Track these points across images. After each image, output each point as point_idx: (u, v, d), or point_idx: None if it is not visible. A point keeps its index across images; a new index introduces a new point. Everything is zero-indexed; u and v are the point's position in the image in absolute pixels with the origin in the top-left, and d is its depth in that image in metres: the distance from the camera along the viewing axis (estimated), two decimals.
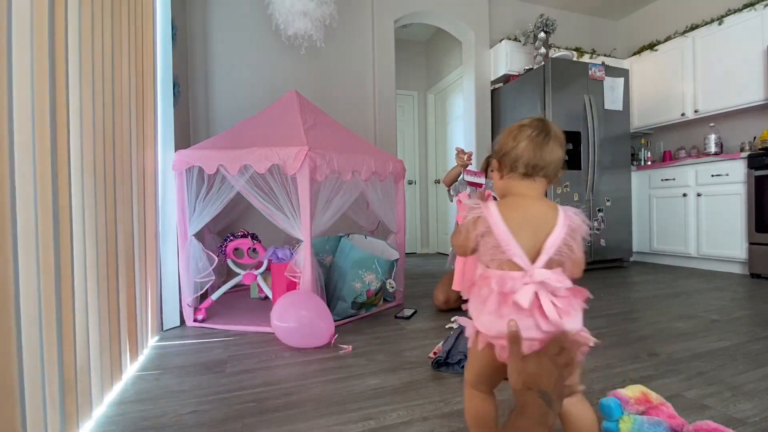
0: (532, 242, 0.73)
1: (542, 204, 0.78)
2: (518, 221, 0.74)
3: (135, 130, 1.52)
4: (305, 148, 1.74)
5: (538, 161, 0.76)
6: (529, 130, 0.78)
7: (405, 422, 1.03)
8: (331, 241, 2.13)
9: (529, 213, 0.76)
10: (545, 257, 0.72)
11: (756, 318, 1.91)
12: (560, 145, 0.79)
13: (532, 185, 0.78)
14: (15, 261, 0.75)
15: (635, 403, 0.92)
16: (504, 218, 0.74)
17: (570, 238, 0.73)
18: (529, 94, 3.52)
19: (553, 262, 0.73)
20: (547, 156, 0.77)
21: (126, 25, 1.44)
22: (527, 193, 0.78)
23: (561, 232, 0.73)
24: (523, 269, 0.72)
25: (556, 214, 0.75)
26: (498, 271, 0.74)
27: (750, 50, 3.23)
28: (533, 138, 0.77)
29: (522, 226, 0.74)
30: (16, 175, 0.77)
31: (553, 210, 0.76)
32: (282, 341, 1.63)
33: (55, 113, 0.92)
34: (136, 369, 1.43)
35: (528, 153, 0.76)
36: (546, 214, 0.76)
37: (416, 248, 5.16)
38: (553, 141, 0.77)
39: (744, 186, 3.01)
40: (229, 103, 2.98)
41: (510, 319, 0.69)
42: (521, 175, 0.78)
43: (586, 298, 0.73)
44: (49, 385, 0.85)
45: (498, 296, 0.72)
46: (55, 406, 0.88)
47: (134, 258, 1.48)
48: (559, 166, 0.79)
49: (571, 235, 0.73)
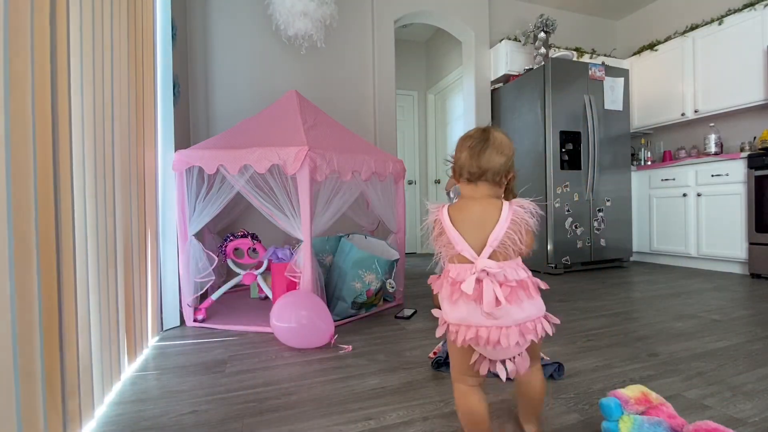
0: (478, 237, 0.83)
1: (485, 204, 0.86)
2: (464, 220, 0.86)
3: (135, 130, 1.52)
4: (305, 148, 1.74)
5: (475, 168, 0.86)
6: (469, 141, 0.88)
7: (405, 422, 1.03)
8: (331, 241, 2.13)
9: (473, 213, 0.86)
10: (489, 249, 0.82)
11: (756, 318, 1.91)
12: (500, 152, 0.86)
13: (476, 188, 0.88)
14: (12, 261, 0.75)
15: (635, 403, 0.92)
16: (452, 219, 0.86)
17: (512, 231, 0.82)
18: (529, 94, 3.52)
19: (498, 254, 0.82)
20: (484, 163, 0.85)
21: (126, 25, 1.44)
22: (473, 195, 0.88)
23: (503, 227, 0.82)
24: (471, 261, 0.82)
25: (499, 212, 0.84)
26: (453, 264, 0.85)
27: (750, 50, 3.23)
28: (472, 148, 0.87)
29: (467, 224, 0.85)
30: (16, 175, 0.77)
31: (495, 208, 0.84)
32: (282, 342, 1.63)
33: (56, 113, 0.92)
34: (136, 369, 1.43)
35: (467, 161, 0.87)
36: (488, 212, 0.85)
37: (416, 248, 5.17)
38: (490, 149, 0.85)
39: (744, 186, 3.02)
40: (229, 103, 2.98)
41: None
42: (466, 180, 0.88)
43: (537, 288, 0.83)
44: (49, 385, 0.85)
45: (450, 285, 0.84)
46: (56, 406, 0.88)
47: (134, 258, 1.48)
48: (501, 171, 0.86)
49: (513, 228, 0.82)
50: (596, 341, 1.62)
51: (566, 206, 3.34)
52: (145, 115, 1.66)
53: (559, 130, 3.32)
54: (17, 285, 0.76)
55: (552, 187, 3.30)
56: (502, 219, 0.83)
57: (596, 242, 3.47)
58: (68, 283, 0.96)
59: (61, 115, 0.95)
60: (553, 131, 3.30)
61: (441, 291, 0.87)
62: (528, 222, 0.83)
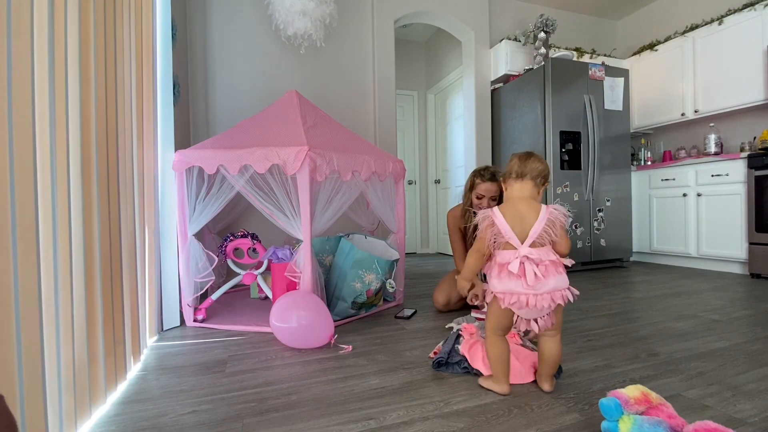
0: (521, 230, 1.13)
1: (527, 203, 1.16)
2: (511, 216, 1.15)
3: (135, 130, 1.52)
4: (305, 148, 1.74)
5: (522, 168, 1.19)
6: (518, 154, 1.23)
7: (405, 422, 1.03)
8: (331, 241, 2.13)
9: (518, 210, 1.16)
10: (530, 240, 1.11)
11: (756, 318, 1.91)
12: (539, 161, 1.20)
13: (522, 185, 1.19)
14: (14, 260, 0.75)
15: (635, 403, 0.92)
16: (503, 214, 1.15)
17: (548, 227, 1.11)
18: (529, 94, 3.52)
19: (537, 243, 1.12)
20: (529, 165, 1.19)
21: (126, 25, 1.44)
22: (519, 194, 1.19)
23: (541, 223, 1.12)
24: (515, 248, 1.11)
25: (538, 212, 1.14)
26: (501, 251, 1.14)
27: (750, 50, 3.23)
28: (520, 157, 1.22)
29: (514, 219, 1.14)
30: (16, 176, 0.77)
31: (535, 208, 1.15)
32: (282, 342, 1.63)
33: (55, 113, 0.92)
34: (136, 369, 1.43)
35: (516, 164, 1.21)
36: (529, 210, 1.15)
37: (416, 248, 5.17)
38: (534, 158, 1.20)
39: (744, 186, 3.02)
40: (229, 103, 2.98)
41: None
42: (514, 178, 1.21)
43: (563, 266, 1.13)
44: (49, 385, 0.85)
45: (498, 266, 1.14)
46: (56, 406, 0.88)
47: (135, 258, 1.48)
48: (540, 174, 1.19)
49: (549, 225, 1.11)
50: (596, 341, 1.62)
51: (566, 206, 3.32)
52: (145, 115, 1.66)
53: (559, 130, 3.32)
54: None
55: (552, 187, 3.30)
56: (541, 217, 1.12)
57: (596, 242, 3.47)
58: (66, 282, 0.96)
59: (60, 115, 0.95)
60: (553, 131, 3.30)
61: (490, 271, 1.16)
62: (561, 220, 1.11)
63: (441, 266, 3.89)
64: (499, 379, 1.18)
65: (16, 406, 0.74)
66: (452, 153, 4.70)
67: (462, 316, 1.98)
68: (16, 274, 0.76)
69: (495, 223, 1.13)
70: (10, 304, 0.74)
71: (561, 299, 1.10)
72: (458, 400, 1.14)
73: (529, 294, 1.08)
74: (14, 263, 0.75)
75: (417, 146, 5.20)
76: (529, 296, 1.08)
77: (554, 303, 1.10)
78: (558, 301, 1.10)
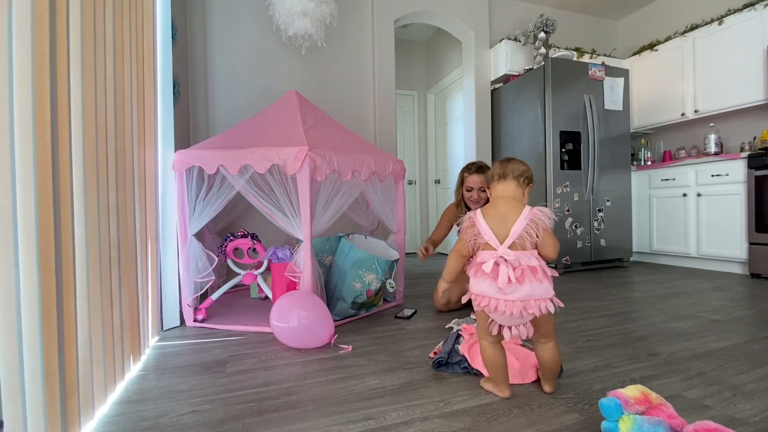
0: (502, 229, 1.09)
1: (509, 203, 1.13)
2: (492, 216, 1.12)
3: (135, 130, 1.52)
4: (305, 148, 1.74)
5: (502, 170, 1.18)
6: (499, 159, 1.23)
7: (405, 422, 1.03)
8: (331, 241, 2.13)
9: (499, 210, 1.13)
10: (510, 240, 1.07)
11: (756, 318, 1.91)
12: (519, 162, 1.19)
13: (505, 185, 1.17)
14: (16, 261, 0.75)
15: (635, 403, 0.92)
16: (483, 215, 1.13)
17: (530, 227, 1.06)
18: (529, 94, 3.52)
19: (517, 245, 1.07)
20: (509, 167, 1.17)
21: (126, 25, 1.44)
22: (502, 194, 1.16)
23: (522, 224, 1.07)
24: (493, 248, 1.07)
25: (519, 212, 1.09)
26: (480, 251, 1.11)
27: (750, 50, 3.23)
28: (501, 161, 1.21)
29: (495, 218, 1.11)
30: (17, 176, 0.77)
31: (517, 208, 1.11)
32: (282, 342, 1.63)
33: (56, 113, 0.92)
34: (137, 369, 1.43)
35: (497, 167, 1.20)
36: (511, 210, 1.11)
37: (416, 248, 5.16)
38: (513, 161, 1.19)
39: (744, 186, 3.02)
40: (229, 103, 2.98)
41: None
42: (496, 179, 1.19)
43: (548, 275, 1.05)
44: (50, 385, 0.85)
45: (475, 266, 1.10)
46: (56, 406, 0.88)
47: (135, 258, 1.48)
48: (522, 174, 1.17)
49: (531, 225, 1.06)
50: (596, 341, 1.62)
51: (566, 206, 3.34)
52: (145, 115, 1.66)
53: (559, 130, 3.32)
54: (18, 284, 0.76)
55: (552, 187, 3.30)
56: (522, 217, 1.07)
57: (596, 242, 3.47)
58: (68, 282, 0.96)
59: (61, 115, 0.95)
60: (553, 131, 3.30)
61: (470, 270, 1.12)
62: (545, 222, 1.05)
63: (441, 266, 3.88)
64: (498, 383, 1.16)
65: (18, 406, 0.74)
66: (452, 153, 4.69)
67: (462, 317, 1.98)
68: (17, 275, 0.76)
69: (475, 224, 1.12)
70: (12, 304, 0.74)
71: (537, 309, 1.01)
72: (458, 400, 1.15)
73: (499, 299, 1.02)
74: (15, 263, 0.75)
75: (417, 146, 5.20)
76: (499, 301, 1.02)
77: (527, 312, 1.01)
78: (532, 311, 1.01)
